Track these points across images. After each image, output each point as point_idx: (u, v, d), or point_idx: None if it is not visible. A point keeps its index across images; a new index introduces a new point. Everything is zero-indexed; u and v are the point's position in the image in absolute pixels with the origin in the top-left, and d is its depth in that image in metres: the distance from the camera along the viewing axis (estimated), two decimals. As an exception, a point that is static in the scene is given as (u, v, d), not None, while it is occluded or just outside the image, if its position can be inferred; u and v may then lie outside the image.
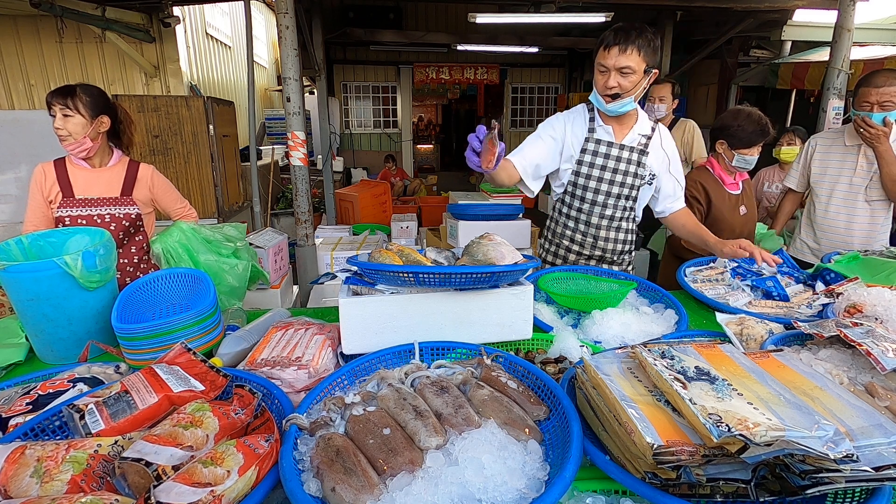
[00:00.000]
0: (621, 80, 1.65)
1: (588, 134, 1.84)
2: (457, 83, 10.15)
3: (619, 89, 1.66)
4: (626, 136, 1.83)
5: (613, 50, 1.61)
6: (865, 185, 2.30)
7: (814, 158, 2.47)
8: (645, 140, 1.84)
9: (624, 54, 1.61)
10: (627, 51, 1.60)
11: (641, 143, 1.84)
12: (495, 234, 1.37)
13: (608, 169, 1.84)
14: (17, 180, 3.38)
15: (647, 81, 1.70)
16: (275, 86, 10.32)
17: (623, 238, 1.96)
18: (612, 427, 0.80)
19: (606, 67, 1.65)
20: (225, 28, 7.75)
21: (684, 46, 6.69)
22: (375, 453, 0.81)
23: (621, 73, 1.64)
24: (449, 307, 1.21)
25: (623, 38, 1.60)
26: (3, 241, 1.37)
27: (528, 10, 5.27)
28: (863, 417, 0.74)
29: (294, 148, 3.53)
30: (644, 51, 1.62)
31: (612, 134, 1.83)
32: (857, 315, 1.32)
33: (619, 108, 1.73)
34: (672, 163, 1.90)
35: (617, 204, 1.88)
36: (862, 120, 2.15)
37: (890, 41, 5.80)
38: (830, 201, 2.40)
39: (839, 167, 2.37)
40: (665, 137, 1.89)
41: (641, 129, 1.85)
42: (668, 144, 1.89)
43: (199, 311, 1.28)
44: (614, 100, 1.69)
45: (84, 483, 0.73)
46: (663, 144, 1.87)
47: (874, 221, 2.34)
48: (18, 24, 5.28)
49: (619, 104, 1.70)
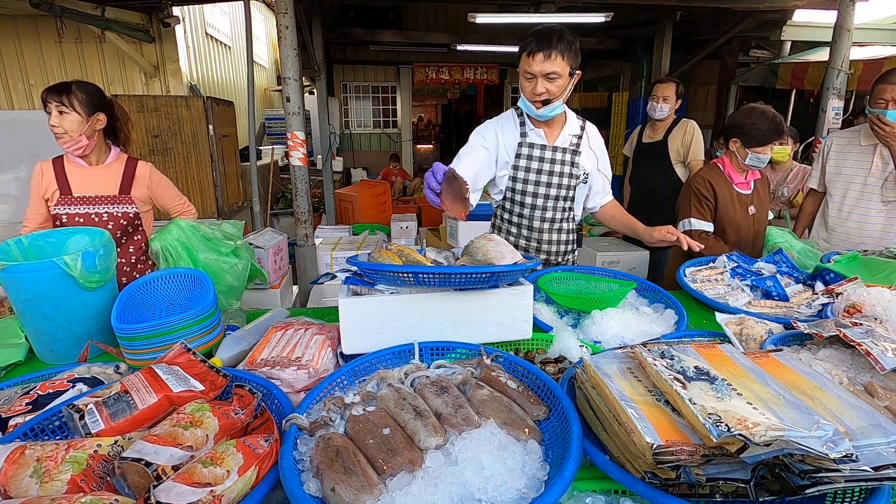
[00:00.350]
0: (549, 85, 1.66)
1: (521, 139, 1.86)
2: (457, 83, 10.13)
3: (547, 95, 1.67)
4: (558, 138, 1.86)
5: (538, 56, 1.62)
6: (881, 186, 2.28)
7: (829, 157, 2.46)
8: (576, 140, 1.87)
9: (549, 60, 1.62)
10: (552, 56, 1.61)
11: (573, 143, 1.87)
12: (494, 234, 1.37)
13: (544, 172, 1.86)
14: (17, 180, 3.38)
15: (572, 83, 1.73)
16: (275, 86, 10.32)
17: (565, 239, 1.99)
18: (611, 427, 0.80)
19: (533, 74, 1.66)
20: (225, 28, 7.75)
21: (684, 46, 6.68)
22: (375, 453, 0.81)
23: (548, 78, 1.65)
24: (449, 307, 1.21)
25: (546, 44, 1.61)
26: (3, 241, 1.37)
27: (527, 10, 5.27)
28: (862, 417, 0.74)
29: (294, 148, 3.53)
30: (567, 54, 1.64)
31: (543, 137, 1.85)
32: (857, 315, 1.32)
33: (550, 113, 1.75)
34: (600, 160, 1.95)
35: (556, 206, 1.91)
36: (877, 118, 2.14)
37: (890, 41, 5.80)
38: (844, 201, 2.38)
39: (854, 167, 2.35)
40: (593, 137, 1.93)
41: (571, 129, 1.88)
42: (596, 143, 1.94)
43: (199, 311, 1.28)
44: (544, 105, 1.71)
45: (84, 483, 0.73)
46: (592, 143, 1.91)
47: (889, 223, 2.31)
48: (18, 24, 5.27)
49: (549, 109, 1.72)
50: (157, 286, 1.47)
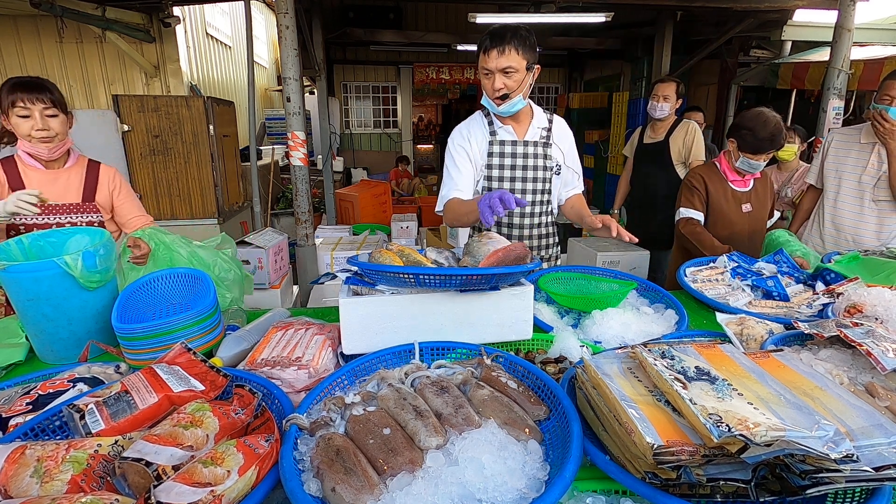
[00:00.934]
0: (506, 80, 1.69)
1: (491, 137, 1.89)
2: (457, 83, 10.12)
3: (506, 90, 1.71)
4: (527, 132, 1.89)
5: (492, 53, 1.66)
6: (873, 185, 2.28)
7: (828, 154, 2.45)
8: (546, 133, 1.91)
9: (503, 55, 1.65)
10: (505, 51, 1.65)
11: (543, 136, 1.91)
12: (493, 232, 1.37)
13: (517, 167, 1.89)
14: (17, 180, 3.39)
15: (531, 78, 1.76)
16: (275, 86, 10.32)
17: (545, 232, 2.03)
18: (612, 427, 0.80)
19: (489, 70, 1.69)
20: (225, 28, 7.75)
21: (684, 46, 6.68)
22: (375, 453, 0.81)
23: (504, 73, 1.68)
24: (449, 307, 1.21)
25: (499, 41, 1.64)
26: (3, 242, 1.37)
27: (528, 10, 5.27)
28: (863, 417, 0.74)
29: (294, 148, 3.53)
30: (522, 49, 1.66)
31: (513, 132, 1.89)
32: (858, 315, 1.32)
33: (511, 108, 1.77)
34: (567, 155, 1.97)
35: (534, 199, 1.93)
36: (879, 113, 2.14)
37: (890, 41, 5.80)
38: (838, 198, 2.38)
39: (852, 164, 2.35)
40: (560, 131, 1.96)
41: (539, 123, 1.91)
42: (563, 137, 1.97)
43: (199, 311, 1.28)
44: (504, 100, 1.73)
45: (84, 483, 0.73)
46: (559, 137, 1.95)
47: (882, 223, 2.30)
48: (18, 24, 5.27)
49: (509, 104, 1.75)
50: (157, 286, 1.46)
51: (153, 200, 3.73)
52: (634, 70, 7.23)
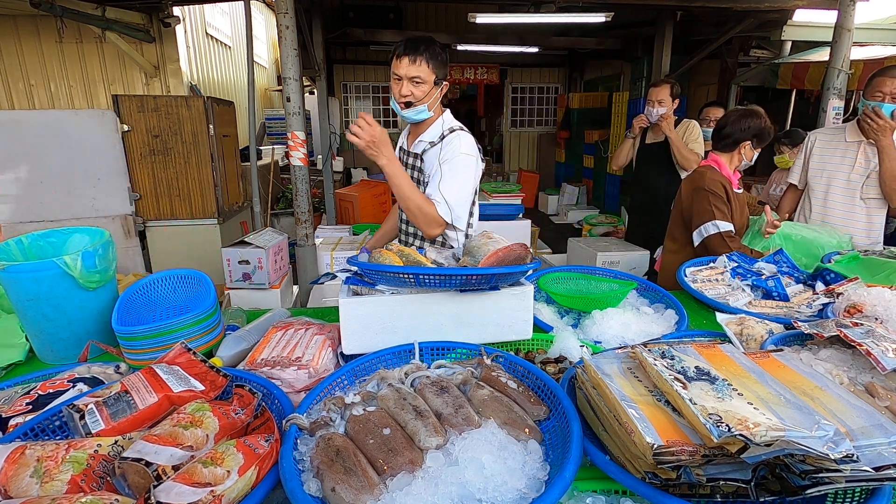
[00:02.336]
0: (413, 88, 1.71)
1: (400, 144, 1.96)
2: (457, 83, 10.14)
3: (411, 97, 1.72)
4: (414, 143, 1.87)
5: (404, 60, 1.68)
6: (862, 184, 2.28)
7: (812, 153, 2.46)
8: (427, 147, 1.82)
9: (413, 64, 1.68)
10: (416, 62, 1.68)
11: (422, 149, 1.83)
12: (493, 232, 1.37)
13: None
14: (17, 180, 3.38)
15: (439, 92, 1.77)
16: (275, 86, 10.31)
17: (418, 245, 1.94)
18: (612, 427, 0.80)
19: (399, 76, 1.71)
20: (225, 28, 7.74)
21: (684, 46, 6.68)
22: (375, 453, 0.81)
23: (413, 82, 1.70)
24: (449, 307, 1.21)
25: (412, 50, 1.68)
26: (3, 242, 1.36)
27: (528, 10, 5.26)
28: (863, 417, 0.74)
29: (294, 148, 3.53)
30: (432, 63, 1.70)
31: (405, 140, 1.93)
32: (857, 315, 1.32)
33: (415, 116, 1.78)
34: (443, 178, 1.73)
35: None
36: (872, 110, 2.13)
37: (890, 41, 5.79)
38: (827, 198, 2.39)
39: (838, 164, 2.35)
40: (448, 150, 1.75)
41: (429, 136, 1.83)
42: (447, 157, 1.76)
43: (199, 312, 1.28)
44: (408, 107, 1.75)
45: (84, 483, 0.73)
46: (441, 156, 1.77)
47: (871, 220, 2.32)
48: (18, 24, 5.27)
49: (413, 112, 1.75)
50: (157, 287, 1.47)
51: (153, 200, 3.72)
52: (634, 70, 7.23)
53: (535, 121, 10.48)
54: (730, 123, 2.18)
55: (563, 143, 9.54)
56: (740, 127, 2.17)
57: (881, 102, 2.12)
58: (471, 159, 1.77)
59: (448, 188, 1.73)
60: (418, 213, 1.70)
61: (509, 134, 10.49)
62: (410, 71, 1.69)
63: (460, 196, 1.75)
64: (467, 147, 1.77)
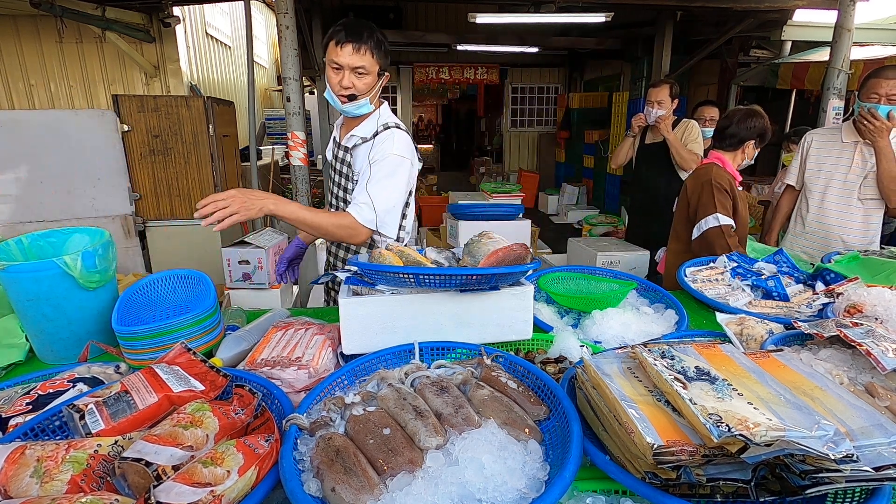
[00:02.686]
0: (356, 80, 1.57)
1: (333, 134, 1.87)
2: (457, 83, 10.14)
3: (354, 90, 1.58)
4: (346, 136, 1.75)
5: (347, 48, 1.53)
6: (859, 184, 2.29)
7: (809, 154, 2.46)
8: (359, 142, 1.70)
9: (357, 54, 1.53)
10: (361, 50, 1.53)
11: (354, 143, 1.72)
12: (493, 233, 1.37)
13: (333, 168, 1.85)
14: (17, 180, 3.38)
15: (380, 85, 1.64)
16: (275, 86, 10.31)
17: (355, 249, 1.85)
18: (612, 427, 0.80)
19: (340, 65, 1.56)
20: (225, 28, 7.74)
21: (684, 46, 6.68)
22: (375, 453, 0.81)
23: (356, 73, 1.56)
24: (449, 307, 1.21)
25: (356, 37, 1.53)
26: (3, 241, 1.36)
27: (528, 10, 5.27)
28: (863, 417, 0.74)
29: (294, 148, 3.53)
30: (377, 52, 1.56)
31: (337, 132, 1.83)
32: (857, 315, 1.32)
33: (356, 111, 1.64)
34: (371, 178, 1.62)
35: (337, 206, 1.85)
36: (869, 112, 2.14)
37: (890, 41, 5.80)
38: (824, 199, 2.40)
39: (835, 164, 2.36)
40: (378, 148, 1.64)
41: (362, 131, 1.71)
42: (377, 155, 1.65)
43: (200, 312, 1.28)
44: (351, 101, 1.61)
45: (84, 483, 0.73)
46: (371, 155, 1.66)
47: (868, 221, 2.33)
48: (18, 24, 5.27)
49: (355, 106, 1.62)
50: (157, 287, 1.46)
51: (153, 200, 3.72)
52: (634, 70, 7.23)
53: (535, 121, 10.48)
54: (734, 123, 2.20)
55: (563, 143, 9.55)
56: (745, 126, 2.19)
57: (877, 104, 2.12)
58: (404, 161, 1.63)
59: (376, 191, 1.60)
60: (337, 231, 1.58)
61: (509, 134, 10.49)
62: (354, 60, 1.54)
63: (389, 200, 1.61)
64: (400, 147, 1.63)
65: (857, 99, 2.22)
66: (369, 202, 1.59)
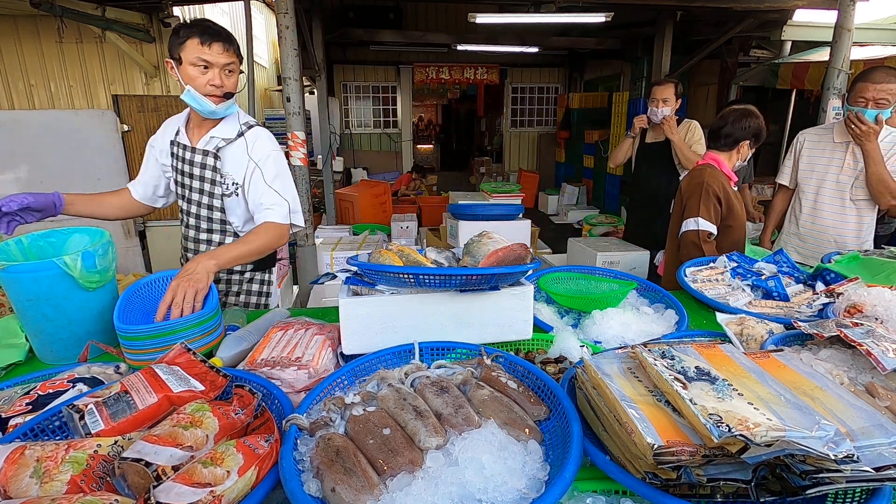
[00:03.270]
0: (226, 79, 1.54)
1: (174, 137, 1.72)
2: (457, 83, 10.14)
3: (227, 88, 1.55)
4: (202, 139, 1.67)
5: (215, 46, 1.49)
6: (851, 185, 2.30)
7: (802, 154, 2.47)
8: (222, 143, 1.65)
9: (227, 53, 1.51)
10: (228, 49, 1.52)
11: (216, 146, 1.65)
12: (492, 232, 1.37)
13: (186, 174, 1.70)
14: (17, 180, 3.38)
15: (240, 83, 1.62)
16: (275, 86, 10.30)
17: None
18: (612, 427, 0.80)
19: (209, 63, 1.50)
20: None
21: (684, 46, 6.68)
22: (375, 453, 0.81)
23: (226, 71, 1.53)
24: (449, 307, 1.21)
25: (221, 35, 1.51)
26: (3, 242, 1.36)
27: (528, 10, 5.27)
28: (863, 417, 0.74)
29: (294, 148, 3.53)
30: (236, 49, 1.56)
31: (185, 136, 1.72)
32: (858, 315, 1.32)
33: (226, 111, 1.60)
34: (267, 177, 1.64)
35: (209, 216, 1.73)
36: (856, 116, 2.15)
37: (890, 41, 5.79)
38: (817, 199, 2.41)
39: (827, 164, 2.37)
40: (256, 145, 1.66)
41: (221, 132, 1.66)
42: (258, 152, 1.65)
43: (202, 313, 1.28)
44: (225, 99, 1.56)
45: (84, 483, 0.73)
46: (253, 154, 1.65)
47: (861, 221, 2.34)
48: (18, 24, 5.27)
49: (225, 106, 1.58)
50: (158, 287, 1.46)
51: (153, 200, 3.73)
52: (634, 70, 7.23)
53: (535, 121, 10.48)
54: (729, 123, 2.20)
55: (563, 143, 9.55)
56: (741, 126, 2.18)
57: (864, 108, 2.13)
58: (282, 154, 1.69)
59: (281, 187, 1.64)
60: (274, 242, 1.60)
61: (509, 134, 10.49)
62: (222, 59, 1.49)
63: (292, 191, 1.67)
64: (274, 142, 1.70)
65: (846, 102, 2.23)
66: (279, 200, 1.62)
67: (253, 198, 1.68)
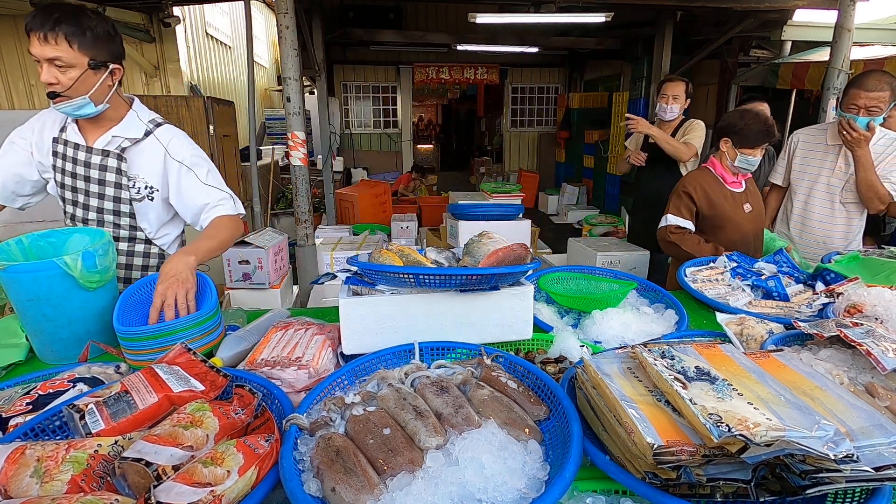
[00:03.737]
0: (58, 74, 1.34)
1: (58, 134, 1.54)
2: (457, 83, 10.15)
3: (58, 86, 1.36)
4: (100, 139, 1.52)
5: (33, 37, 1.31)
6: (841, 188, 2.32)
7: (795, 154, 2.48)
8: (127, 143, 1.52)
9: (48, 44, 1.30)
10: (49, 39, 1.30)
11: (119, 146, 1.52)
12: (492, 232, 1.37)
13: (78, 176, 1.54)
14: (17, 180, 3.39)
15: (108, 79, 1.42)
16: (275, 86, 10.31)
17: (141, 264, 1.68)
18: (612, 427, 0.80)
19: (37, 57, 1.33)
20: (225, 28, 7.75)
21: (684, 46, 6.68)
22: (375, 453, 0.81)
23: (54, 65, 1.34)
24: (449, 307, 1.21)
25: (42, 23, 1.29)
26: (4, 241, 1.36)
27: (528, 10, 5.27)
28: (863, 417, 0.74)
29: (294, 148, 3.53)
30: (79, 41, 1.32)
31: (79, 135, 1.54)
32: (858, 315, 1.32)
33: (74, 112, 1.43)
34: (200, 174, 1.58)
35: (116, 221, 1.61)
36: (847, 122, 2.16)
37: (890, 41, 5.79)
38: (808, 200, 2.42)
39: (819, 166, 2.39)
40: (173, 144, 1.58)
41: (124, 131, 1.53)
42: (181, 152, 1.58)
43: (202, 313, 1.28)
44: (54, 99, 1.38)
45: (84, 483, 0.73)
46: (175, 154, 1.57)
47: (849, 224, 2.36)
48: (18, 24, 5.27)
49: (70, 106, 1.40)
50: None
51: (153, 200, 3.73)
52: (634, 70, 7.23)
53: (535, 121, 10.48)
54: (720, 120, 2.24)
55: (563, 143, 9.55)
56: (721, 124, 2.22)
57: (856, 115, 2.14)
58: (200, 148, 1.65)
59: (219, 182, 1.63)
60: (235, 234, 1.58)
61: (509, 134, 10.49)
62: (46, 52, 1.31)
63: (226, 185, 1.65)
64: (188, 136, 1.67)
65: (839, 107, 2.23)
66: (222, 195, 1.61)
67: (191, 199, 1.61)
